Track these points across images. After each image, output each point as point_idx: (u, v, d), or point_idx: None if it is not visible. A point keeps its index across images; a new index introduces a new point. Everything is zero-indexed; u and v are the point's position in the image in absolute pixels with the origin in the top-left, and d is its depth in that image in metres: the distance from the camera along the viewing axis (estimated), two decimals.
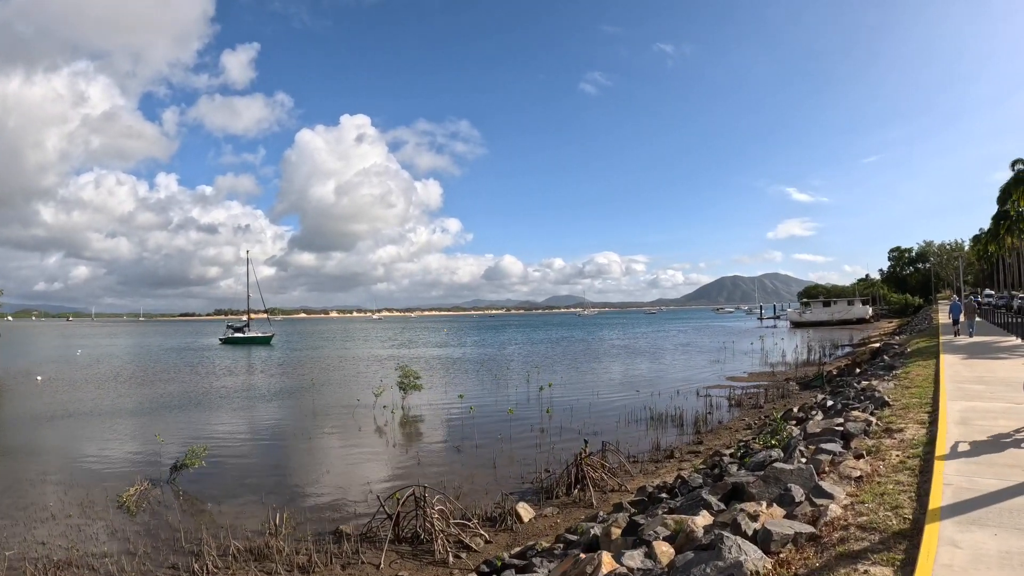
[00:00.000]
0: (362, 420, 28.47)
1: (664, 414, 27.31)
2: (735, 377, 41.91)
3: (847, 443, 12.19)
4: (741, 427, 24.66)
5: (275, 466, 20.70)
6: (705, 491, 11.03)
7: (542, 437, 23.81)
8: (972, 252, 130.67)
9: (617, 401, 32.35)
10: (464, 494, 16.18)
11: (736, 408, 29.58)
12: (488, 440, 23.41)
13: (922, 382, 18.92)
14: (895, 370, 23.96)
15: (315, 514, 15.11)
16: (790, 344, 67.02)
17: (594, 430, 24.41)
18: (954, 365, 22.06)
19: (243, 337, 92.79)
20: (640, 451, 21.02)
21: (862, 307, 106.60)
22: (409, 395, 32.61)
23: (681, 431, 24.65)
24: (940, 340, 33.13)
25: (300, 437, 25.34)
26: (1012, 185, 75.02)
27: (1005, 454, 10.03)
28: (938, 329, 42.30)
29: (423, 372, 45.17)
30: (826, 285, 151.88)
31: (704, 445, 21.61)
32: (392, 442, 24.02)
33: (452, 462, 20.50)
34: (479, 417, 28.08)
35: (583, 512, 14.63)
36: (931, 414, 13.59)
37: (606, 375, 46.27)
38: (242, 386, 42.39)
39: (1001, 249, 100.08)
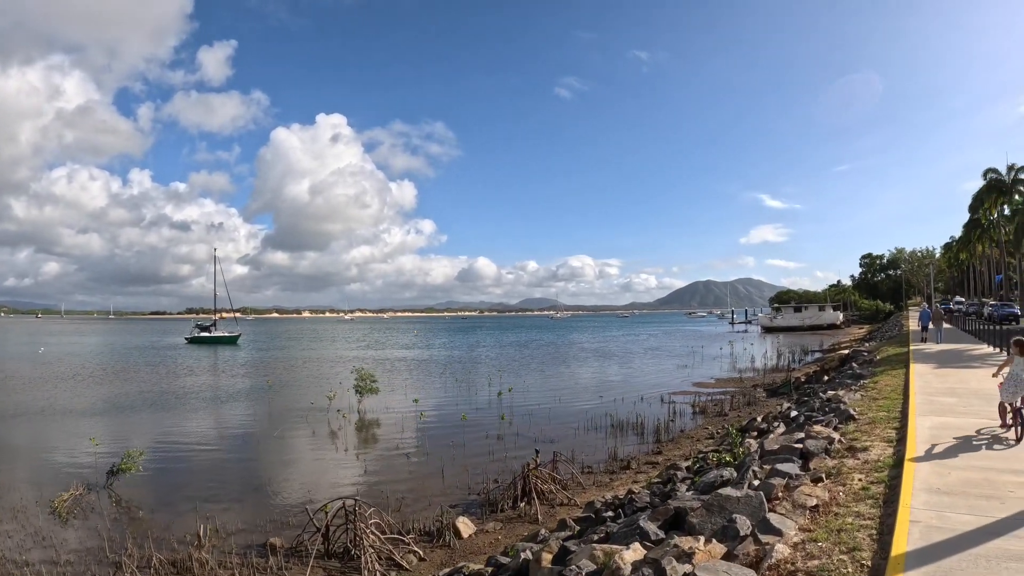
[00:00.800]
0: (314, 425, 27.66)
1: (625, 421, 26.47)
2: (702, 383, 41.02)
3: (806, 463, 10.97)
4: (703, 436, 23.70)
5: (216, 473, 20.02)
6: (644, 517, 9.70)
7: (496, 445, 22.97)
8: (943, 259, 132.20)
9: (579, 407, 31.45)
10: (406, 505, 15.70)
11: (700, 415, 28.65)
12: (440, 447, 22.67)
13: (890, 393, 17.75)
14: (863, 379, 22.80)
15: (249, 524, 14.52)
16: (760, 349, 66.42)
17: (551, 437, 23.79)
18: (924, 375, 20.96)
19: (209, 337, 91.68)
20: (596, 461, 20.19)
21: (833, 313, 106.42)
22: (365, 399, 31.67)
23: (642, 440, 23.78)
24: (910, 348, 32.17)
25: (247, 442, 24.56)
26: (984, 193, 75.30)
27: (980, 482, 8.78)
28: (908, 336, 41.44)
29: (386, 374, 46.25)
30: (798, 291, 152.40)
31: (663, 455, 20.67)
32: (341, 449, 23.18)
33: (400, 470, 19.80)
34: (434, 423, 27.48)
35: (527, 528, 13.81)
36: (899, 430, 12.40)
37: (571, 379, 45.39)
38: (199, 387, 41.36)
39: (972, 257, 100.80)
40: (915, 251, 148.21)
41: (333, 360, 63.40)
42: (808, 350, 62.20)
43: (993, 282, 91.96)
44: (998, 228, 78.68)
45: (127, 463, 17.79)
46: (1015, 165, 71.50)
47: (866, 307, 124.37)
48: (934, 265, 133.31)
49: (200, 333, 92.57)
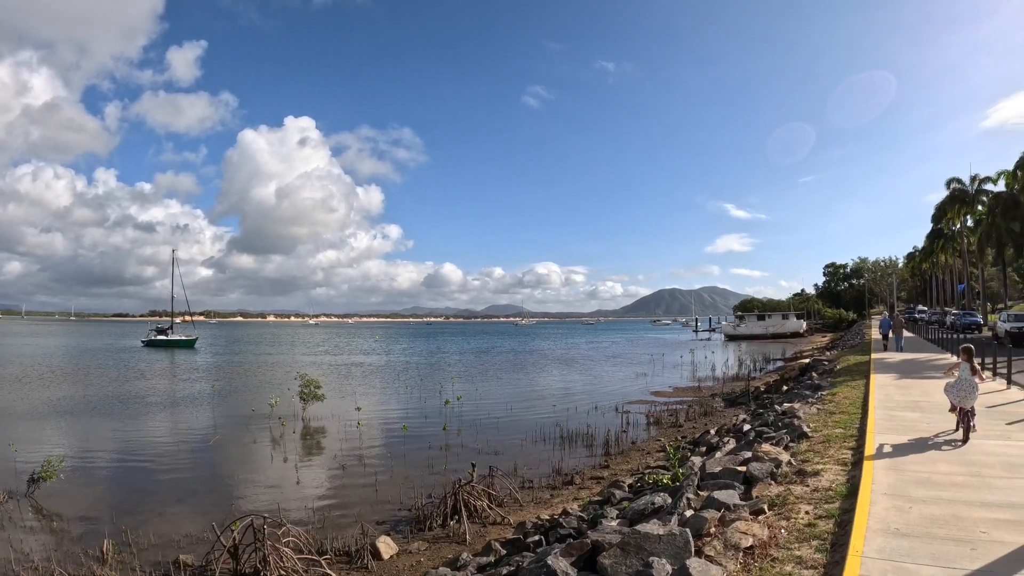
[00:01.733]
0: (252, 433, 26.24)
1: (575, 432, 25.09)
2: (659, 392, 39.75)
3: (749, 490, 9.58)
4: (654, 449, 22.50)
5: (141, 482, 18.99)
6: (557, 552, 8.19)
7: (438, 457, 21.82)
8: (905, 269, 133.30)
9: (530, 417, 30.14)
10: (332, 521, 14.73)
11: (654, 426, 27.47)
12: (380, 459, 21.51)
13: (849, 407, 16.48)
14: (821, 391, 21.57)
15: (163, 538, 13.61)
16: (722, 357, 65.24)
17: (496, 449, 22.73)
18: (885, 387, 19.77)
19: (166, 340, 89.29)
20: (539, 475, 18.92)
21: (796, 321, 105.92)
22: (309, 406, 30.43)
23: (590, 452, 22.47)
24: (871, 357, 31.15)
25: (179, 451, 23.30)
26: (947, 203, 75.51)
27: (947, 519, 7.39)
28: (870, 345, 40.54)
29: (338, 380, 45.62)
30: (762, 299, 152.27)
31: (609, 470, 19.46)
32: (277, 459, 21.89)
33: (333, 483, 18.79)
34: (377, 433, 26.33)
35: (454, 549, 12.82)
36: (855, 452, 11.05)
37: (526, 387, 44.11)
38: (144, 392, 39.65)
39: (935, 267, 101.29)
40: (878, 260, 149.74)
41: (288, 365, 60.77)
42: (770, 358, 61.32)
43: (955, 291, 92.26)
44: (961, 238, 78.77)
45: (47, 471, 16.81)
46: (978, 176, 71.71)
47: (829, 316, 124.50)
48: (897, 274, 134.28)
49: (157, 336, 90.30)
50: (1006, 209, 55.90)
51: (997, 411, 14.95)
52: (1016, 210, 54.00)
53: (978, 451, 10.75)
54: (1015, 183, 54.24)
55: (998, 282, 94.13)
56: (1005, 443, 11.43)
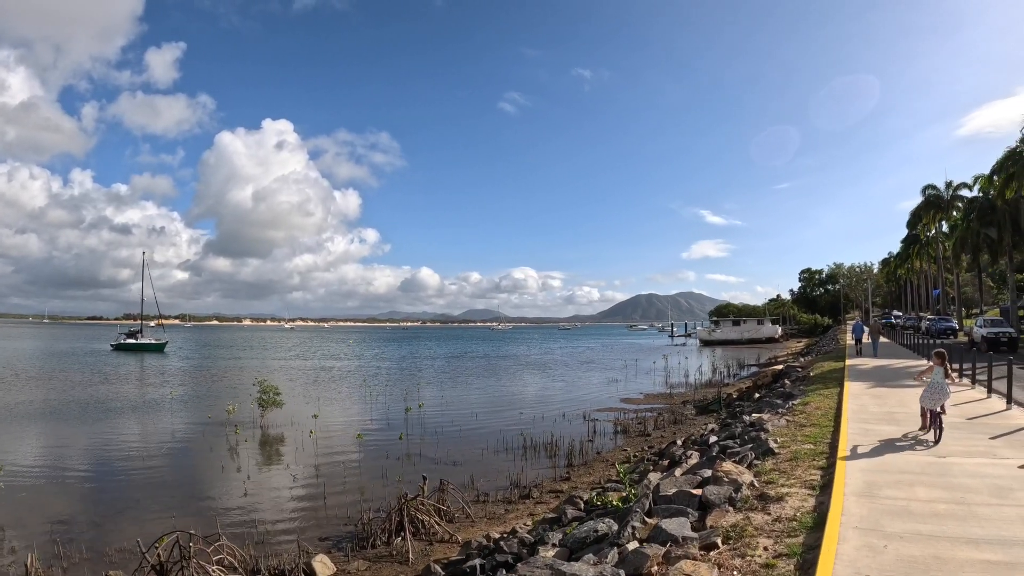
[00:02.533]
0: (205, 441, 25.45)
1: (539, 442, 24.18)
2: (630, 399, 38.81)
3: (703, 517, 8.43)
4: (619, 460, 21.38)
5: (84, 492, 18.38)
6: None
7: (394, 467, 20.92)
8: (881, 274, 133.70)
9: (494, 425, 29.23)
10: (272, 535, 14.09)
11: (622, 435, 26.58)
12: (332, 469, 20.72)
13: (820, 418, 15.33)
14: (793, 400, 20.42)
15: (96, 553, 13.03)
16: (695, 363, 64.35)
17: (456, 459, 22.13)
18: (860, 396, 18.66)
19: (135, 344, 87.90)
20: (496, 487, 18.15)
21: (771, 326, 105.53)
22: (268, 412, 29.48)
23: (553, 463, 21.55)
24: (846, 363, 30.19)
25: (128, 460, 22.41)
26: (923, 209, 75.43)
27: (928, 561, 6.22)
28: (845, 350, 39.66)
29: (305, 386, 45.43)
30: (738, 304, 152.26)
31: (570, 482, 18.56)
32: (227, 469, 21.11)
33: (280, 494, 18.02)
34: (335, 441, 25.35)
35: (395, 569, 12.24)
36: (825, 472, 9.89)
37: (495, 394, 43.28)
38: (106, 396, 38.54)
39: (910, 272, 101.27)
40: (853, 266, 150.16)
41: (256, 370, 59.11)
42: (744, 364, 60.63)
43: (930, 297, 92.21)
44: (936, 244, 78.67)
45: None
46: (953, 182, 71.81)
47: (805, 321, 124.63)
48: (872, 280, 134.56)
49: (126, 340, 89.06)
50: (982, 214, 55.44)
51: (979, 423, 13.90)
52: (992, 215, 53.48)
53: (961, 472, 9.61)
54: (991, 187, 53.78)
55: (972, 287, 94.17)
56: (991, 462, 10.31)
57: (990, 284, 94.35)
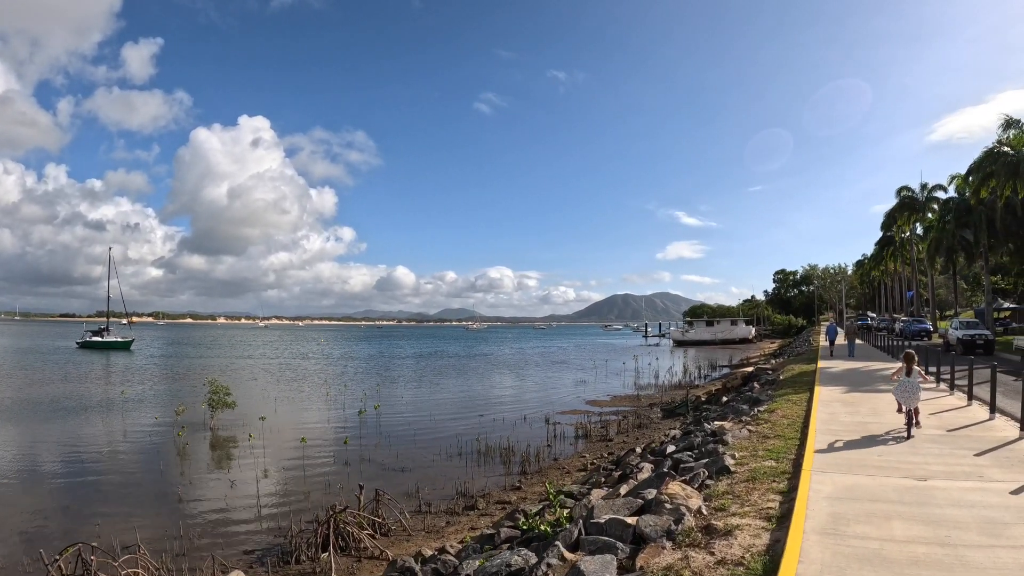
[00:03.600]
0: (145, 445, 24.54)
1: (495, 447, 23.01)
2: (596, 401, 37.68)
3: (635, 553, 6.95)
4: (576, 467, 20.47)
5: (10, 498, 17.54)
6: None
7: (337, 473, 20.08)
8: (855, 276, 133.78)
9: (452, 428, 28.09)
10: (196, 547, 13.31)
11: (583, 440, 25.56)
12: (273, 475, 19.92)
13: (787, 428, 13.85)
14: (759, 405, 18.99)
15: (11, 563, 12.42)
16: (666, 364, 63.28)
17: (405, 465, 21.16)
18: (830, 403, 17.21)
19: (101, 341, 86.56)
20: (442, 497, 17.25)
21: (745, 327, 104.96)
22: (218, 413, 28.28)
23: (506, 470, 20.56)
24: (818, 366, 28.88)
25: (62, 464, 21.53)
26: (897, 210, 74.87)
27: None
28: (817, 352, 38.48)
29: (265, 385, 45.09)
30: (713, 305, 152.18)
31: (520, 492, 17.56)
32: (165, 474, 20.13)
33: (212, 503, 17.08)
34: (280, 446, 24.21)
35: None
36: (785, 498, 8.40)
37: (458, 395, 42.37)
38: (57, 396, 37.50)
39: (884, 274, 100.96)
40: (828, 268, 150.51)
41: (219, 369, 59.26)
42: (716, 365, 59.80)
43: (904, 298, 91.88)
44: (910, 246, 78.21)
45: None
46: (928, 184, 71.36)
47: (779, 322, 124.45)
48: (846, 281, 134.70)
49: (92, 338, 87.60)
50: (958, 215, 54.70)
51: (961, 436, 12.44)
52: (969, 216, 52.69)
53: (945, 500, 8.11)
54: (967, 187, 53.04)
55: (946, 289, 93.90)
56: (978, 486, 8.81)
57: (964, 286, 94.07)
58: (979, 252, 55.15)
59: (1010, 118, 44.45)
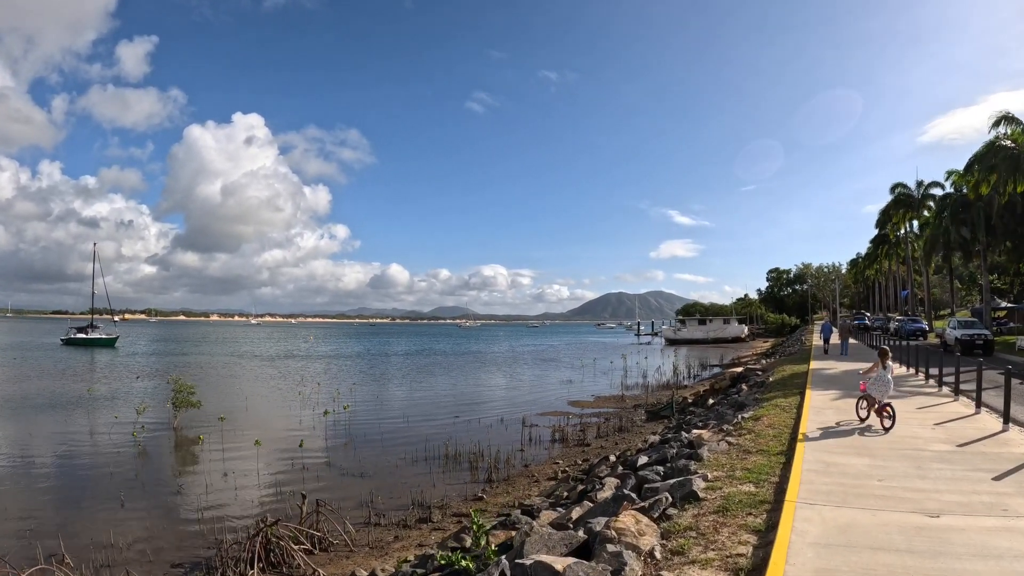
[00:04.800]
0: (98, 445, 23.52)
1: (464, 451, 21.77)
2: (579, 402, 36.12)
3: None
4: (546, 475, 19.11)
5: None
6: None
7: (292, 480, 18.79)
8: (849, 275, 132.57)
9: (423, 430, 26.45)
10: (123, 559, 12.45)
11: (559, 444, 24.18)
12: (224, 480, 18.71)
13: (771, 440, 12.05)
14: (745, 411, 17.20)
15: None
16: (657, 363, 61.67)
17: (364, 470, 19.96)
18: (823, 410, 15.47)
19: (85, 338, 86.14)
20: (397, 507, 16.05)
21: (738, 326, 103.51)
22: (182, 413, 27.18)
23: (473, 476, 19.33)
24: (810, 367, 27.19)
25: (8, 465, 20.56)
26: (892, 207, 73.40)
27: None
28: (810, 352, 36.80)
29: (241, 383, 44.32)
30: (706, 304, 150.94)
31: (482, 502, 16.27)
32: (114, 477, 18.99)
33: (154, 510, 16.01)
34: (237, 448, 22.82)
35: None
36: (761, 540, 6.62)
37: (438, 393, 41.41)
38: (24, 393, 36.70)
39: (878, 273, 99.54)
40: (821, 266, 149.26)
41: (200, 366, 58.94)
42: (707, 364, 58.30)
43: (898, 297, 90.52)
44: (905, 244, 76.78)
45: None
46: (924, 181, 69.80)
47: (772, 320, 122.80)
48: (840, 280, 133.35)
49: (76, 334, 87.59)
50: (956, 212, 53.01)
51: (975, 453, 10.64)
52: (966, 213, 50.98)
53: (965, 548, 6.26)
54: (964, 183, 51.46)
55: (941, 289, 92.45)
56: (1004, 525, 6.97)
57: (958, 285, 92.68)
58: (976, 250, 53.71)
59: (1007, 114, 42.69)
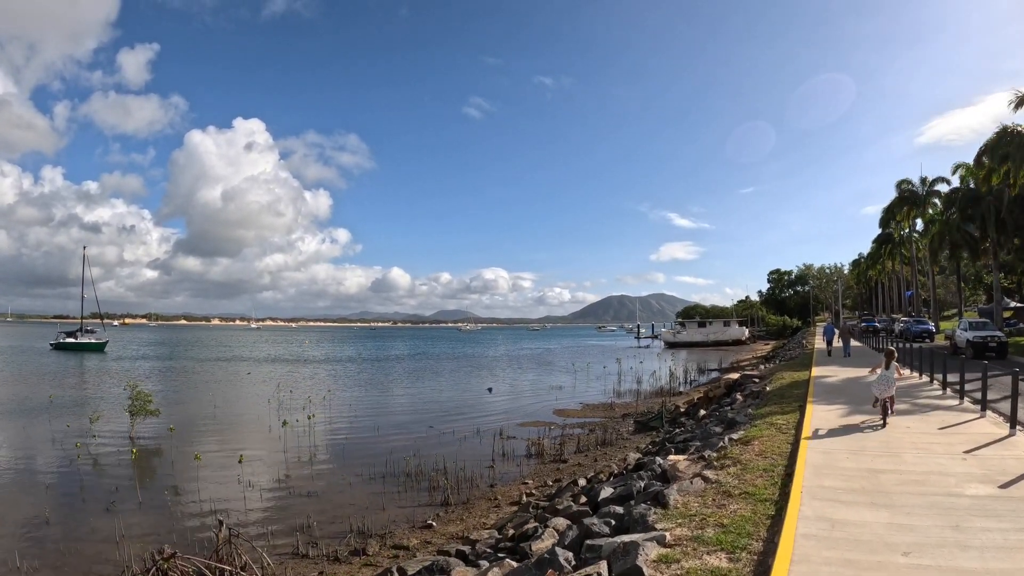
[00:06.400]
0: (43, 455, 22.59)
1: (428, 467, 19.94)
2: (565, 410, 33.94)
3: None
4: (509, 499, 16.88)
5: None
6: None
7: (234, 496, 17.37)
8: (851, 276, 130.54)
9: (390, 443, 24.56)
10: None
11: (534, 459, 21.92)
12: (158, 498, 17.28)
13: (760, 478, 9.44)
14: (735, 430, 14.65)
15: None
16: (653, 367, 59.29)
17: (312, 489, 18.26)
18: (826, 439, 12.47)
19: (74, 343, 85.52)
20: (336, 533, 14.30)
21: (738, 328, 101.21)
22: (139, 422, 26.07)
23: (430, 497, 17.44)
24: (812, 374, 24.71)
25: None
26: (896, 205, 71.30)
27: None
28: (812, 357, 34.33)
29: (218, 387, 43.93)
30: (707, 306, 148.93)
31: (431, 531, 14.43)
32: (52, 487, 18.45)
33: (75, 532, 14.73)
34: (179, 461, 21.42)
35: None
36: None
37: (416, 401, 39.35)
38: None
39: (881, 273, 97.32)
40: (823, 267, 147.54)
41: (182, 371, 58.34)
42: (705, 369, 55.92)
43: (902, 298, 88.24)
44: (909, 243, 74.57)
45: None
46: (928, 178, 67.73)
47: (773, 322, 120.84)
48: (842, 281, 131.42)
49: (66, 339, 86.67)
50: (963, 207, 50.64)
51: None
52: (975, 208, 48.55)
53: None
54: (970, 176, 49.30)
55: (945, 289, 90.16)
56: None
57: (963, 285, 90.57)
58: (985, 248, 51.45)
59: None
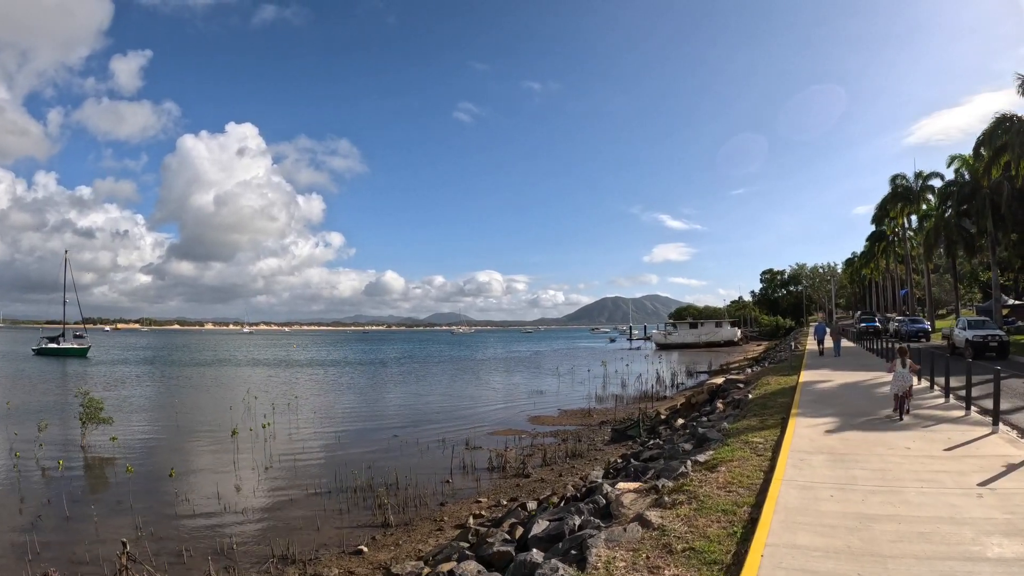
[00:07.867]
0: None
1: (380, 480, 18.55)
2: (541, 417, 32.14)
3: None
4: (454, 522, 15.22)
5: None
6: None
7: (164, 514, 16.23)
8: (845, 275, 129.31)
9: (348, 453, 23.55)
10: None
11: (496, 473, 20.31)
12: (84, 511, 16.24)
13: (716, 524, 7.22)
14: (705, 448, 12.63)
15: None
16: (640, 369, 57.57)
17: (248, 506, 16.86)
18: (809, 460, 10.11)
19: (56, 348, 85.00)
20: (257, 558, 13.07)
21: (730, 329, 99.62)
22: (91, 431, 25.32)
23: (372, 516, 16.03)
24: (800, 379, 22.70)
25: None
26: (889, 200, 69.74)
27: None
28: (802, 359, 32.48)
29: (191, 395, 42.53)
30: (700, 307, 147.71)
31: (361, 557, 13.05)
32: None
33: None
34: (112, 473, 20.63)
35: None
36: None
37: (389, 405, 38.72)
38: None
39: (875, 272, 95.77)
40: (816, 267, 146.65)
41: (159, 376, 57.39)
42: (694, 371, 54.30)
43: (897, 297, 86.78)
44: (904, 241, 73.02)
45: None
46: (922, 172, 66.38)
47: (766, 323, 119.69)
48: (836, 280, 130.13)
49: (48, 344, 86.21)
50: (960, 201, 48.92)
51: None
52: (971, 202, 46.72)
53: None
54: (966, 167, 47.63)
55: (939, 287, 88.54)
56: None
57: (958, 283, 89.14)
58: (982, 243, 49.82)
59: None
